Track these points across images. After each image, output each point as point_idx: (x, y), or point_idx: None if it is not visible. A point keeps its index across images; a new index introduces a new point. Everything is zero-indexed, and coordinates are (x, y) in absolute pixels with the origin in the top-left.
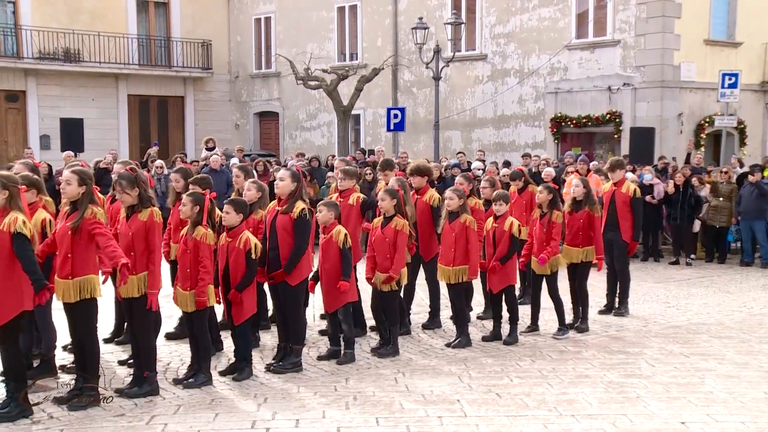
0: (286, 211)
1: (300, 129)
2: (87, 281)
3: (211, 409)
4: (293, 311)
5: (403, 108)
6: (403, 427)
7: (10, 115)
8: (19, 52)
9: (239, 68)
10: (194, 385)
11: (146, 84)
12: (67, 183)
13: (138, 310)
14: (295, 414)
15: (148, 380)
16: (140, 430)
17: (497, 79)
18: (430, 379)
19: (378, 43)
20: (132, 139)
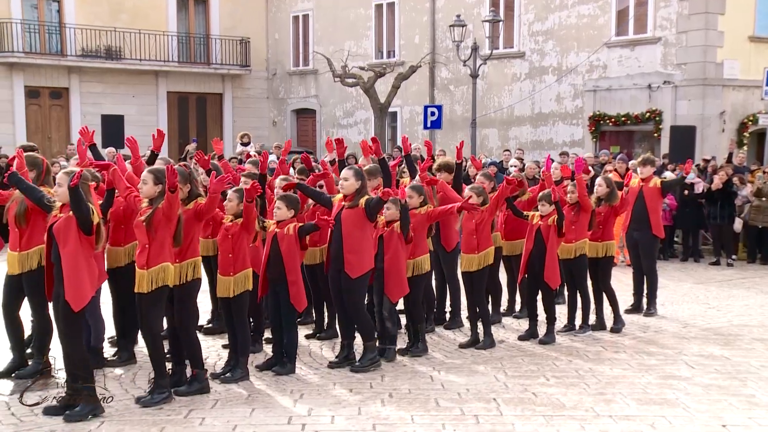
0: (353, 206)
1: (337, 126)
2: (161, 269)
3: (247, 404)
4: (353, 306)
5: (440, 105)
6: (438, 424)
7: (54, 111)
8: (63, 50)
9: (277, 65)
10: (231, 380)
11: (185, 81)
12: (144, 182)
13: (179, 299)
14: (330, 410)
15: (197, 378)
16: (178, 424)
17: (535, 77)
18: (466, 378)
19: (415, 41)
20: (171, 136)
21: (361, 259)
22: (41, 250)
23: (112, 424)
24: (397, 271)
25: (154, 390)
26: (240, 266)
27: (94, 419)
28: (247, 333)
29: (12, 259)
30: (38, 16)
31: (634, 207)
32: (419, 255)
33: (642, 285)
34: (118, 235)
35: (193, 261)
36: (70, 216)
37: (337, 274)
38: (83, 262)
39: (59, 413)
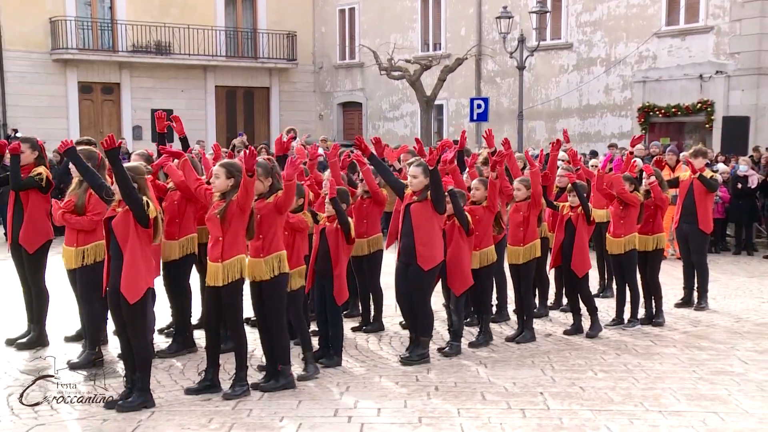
0: (421, 199)
1: (383, 119)
2: (237, 262)
3: (294, 396)
4: (420, 298)
5: (487, 98)
6: (485, 418)
7: (106, 106)
8: (114, 46)
9: (323, 59)
10: (305, 378)
11: (233, 75)
12: (216, 176)
13: (269, 293)
14: (376, 403)
15: (282, 373)
16: (226, 415)
17: (583, 68)
18: (513, 372)
19: (462, 33)
20: (219, 130)
21: (432, 251)
22: (96, 246)
23: (161, 414)
24: (460, 264)
25: (236, 383)
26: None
27: (145, 410)
28: (305, 324)
29: (68, 254)
30: (91, 13)
31: (685, 199)
32: (485, 246)
33: (692, 278)
34: (173, 228)
35: (278, 255)
36: (127, 210)
37: (405, 268)
38: (140, 256)
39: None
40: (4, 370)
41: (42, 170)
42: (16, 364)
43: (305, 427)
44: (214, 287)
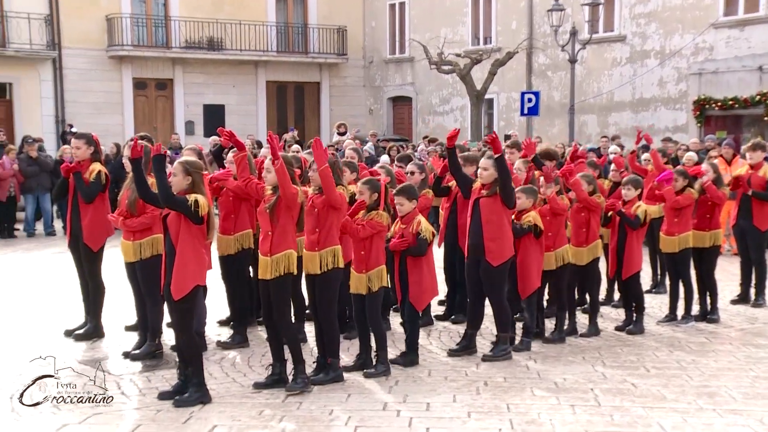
0: (491, 194)
1: (433, 114)
2: (285, 257)
3: (344, 390)
4: (495, 294)
5: (538, 92)
6: (534, 414)
7: (159, 102)
8: (167, 42)
9: (373, 53)
10: (374, 375)
11: (284, 70)
12: (268, 171)
13: (321, 287)
14: (425, 397)
15: (332, 366)
16: (276, 408)
17: (636, 61)
18: (563, 367)
19: (512, 27)
20: (270, 125)
21: (502, 246)
22: (153, 240)
23: (213, 406)
24: (527, 268)
25: (296, 376)
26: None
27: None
28: (382, 325)
29: (126, 247)
30: (145, 10)
31: (742, 195)
32: (560, 246)
33: (750, 275)
34: (228, 224)
35: (332, 249)
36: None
37: (476, 263)
38: (190, 254)
39: (171, 398)
40: (62, 360)
41: (98, 167)
42: (74, 355)
43: (354, 420)
44: (265, 281)
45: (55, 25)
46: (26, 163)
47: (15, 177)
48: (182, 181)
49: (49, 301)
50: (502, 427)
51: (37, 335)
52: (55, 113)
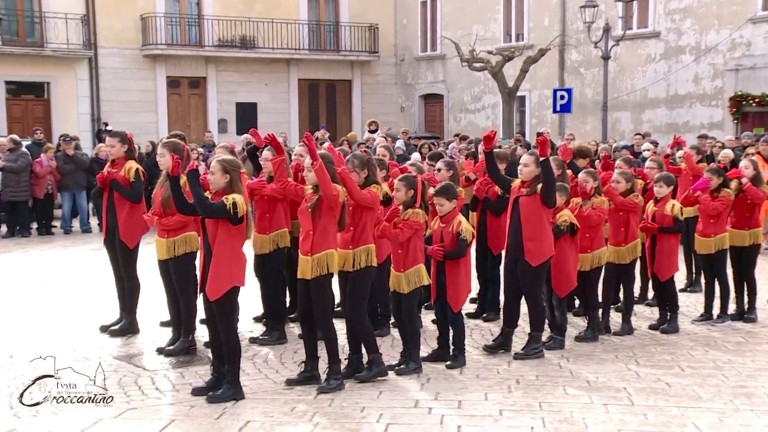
0: (531, 192)
1: (464, 111)
2: (325, 256)
3: (375, 387)
4: (532, 294)
5: (570, 89)
6: (567, 412)
7: (193, 100)
8: (201, 41)
9: (405, 51)
10: (406, 372)
11: (315, 68)
12: (308, 169)
13: (354, 285)
14: (457, 395)
15: (375, 362)
16: (309, 404)
17: (671, 57)
18: (595, 366)
19: (545, 23)
20: (302, 123)
21: (541, 246)
22: (187, 238)
23: (246, 402)
24: (564, 267)
25: (330, 375)
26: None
27: None
28: (417, 324)
29: (160, 245)
30: (179, 9)
31: None
32: (597, 248)
33: None
34: (264, 223)
35: (366, 248)
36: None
37: (514, 262)
38: (227, 254)
39: (204, 394)
40: (98, 355)
41: (134, 165)
42: (109, 350)
43: (386, 417)
44: (305, 280)
45: (92, 25)
46: (63, 161)
47: (52, 175)
48: (220, 179)
49: (84, 297)
50: (534, 425)
51: (73, 331)
52: (91, 112)
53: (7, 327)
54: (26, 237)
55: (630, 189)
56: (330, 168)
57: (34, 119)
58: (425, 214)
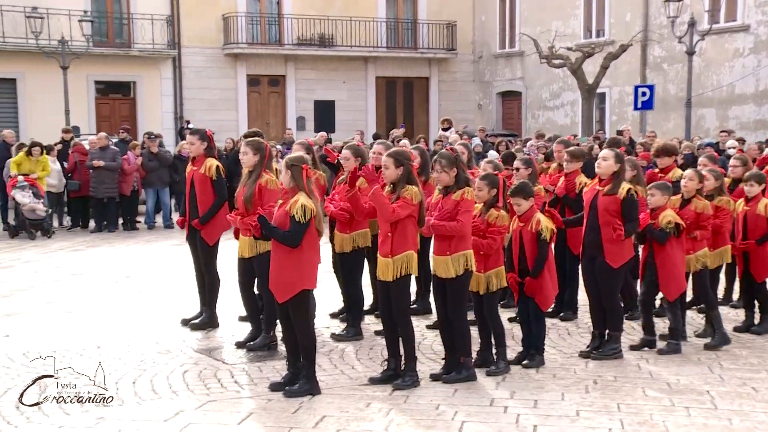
0: (610, 192)
1: (543, 108)
2: (405, 258)
3: (450, 385)
4: (611, 295)
5: (652, 85)
6: (646, 414)
7: (272, 98)
8: (280, 40)
9: (483, 48)
10: (495, 373)
11: (393, 66)
12: (385, 167)
13: (453, 289)
14: (533, 394)
15: (465, 365)
16: (384, 401)
17: (761, 52)
18: (677, 368)
19: (627, 18)
20: (379, 120)
21: (621, 248)
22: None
23: (322, 397)
24: (672, 269)
25: (406, 373)
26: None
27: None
28: (501, 323)
29: (243, 243)
30: (260, 9)
31: None
32: (699, 249)
33: None
34: (344, 222)
35: (464, 254)
36: (287, 212)
37: (591, 262)
38: (293, 255)
39: (281, 389)
40: (179, 348)
41: (215, 163)
42: (190, 343)
43: (461, 415)
44: (385, 282)
45: (176, 25)
46: (147, 158)
47: (138, 172)
48: (287, 176)
49: (167, 291)
50: (612, 426)
51: (155, 323)
52: (174, 110)
53: (95, 319)
54: (112, 232)
55: (719, 187)
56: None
57: (120, 117)
58: (508, 216)
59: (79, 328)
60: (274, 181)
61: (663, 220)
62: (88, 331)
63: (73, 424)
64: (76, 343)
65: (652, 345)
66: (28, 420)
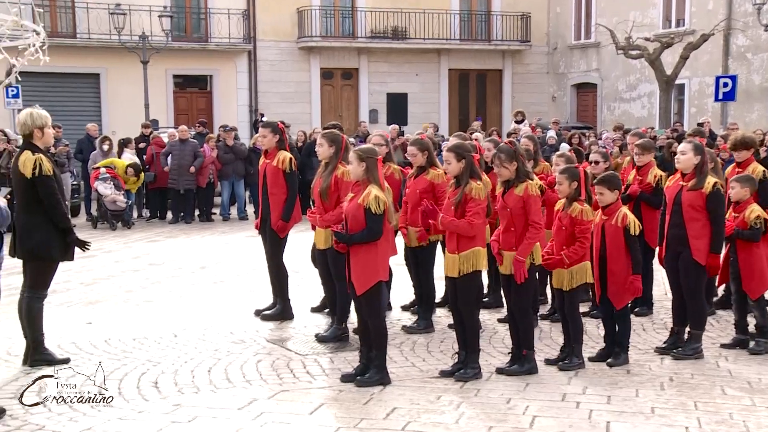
0: (695, 187)
1: (619, 100)
2: (473, 254)
3: (521, 379)
4: (697, 291)
5: (734, 75)
6: (725, 414)
7: (345, 91)
8: (354, 32)
9: (558, 40)
10: (568, 367)
11: (466, 58)
12: (447, 162)
13: (517, 286)
14: (606, 390)
15: (527, 358)
16: (454, 393)
17: None
18: (758, 366)
19: (708, 7)
20: (451, 113)
21: (707, 244)
22: None
23: (392, 389)
24: (757, 265)
25: (467, 365)
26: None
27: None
28: (580, 319)
29: (319, 235)
30: (333, 2)
31: None
32: None
33: None
34: (414, 215)
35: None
36: (360, 205)
37: (675, 258)
38: (373, 248)
39: (353, 380)
40: (253, 338)
41: (287, 155)
42: (263, 334)
43: (533, 409)
44: (452, 278)
45: (251, 20)
46: (223, 150)
47: (213, 164)
48: (358, 168)
49: (241, 282)
50: (689, 425)
51: (229, 314)
52: (249, 103)
53: (172, 308)
54: (189, 223)
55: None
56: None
57: (197, 111)
58: (592, 210)
59: (156, 317)
60: (350, 173)
61: (751, 216)
62: (165, 319)
63: (150, 410)
64: (153, 332)
65: (744, 345)
66: (110, 405)
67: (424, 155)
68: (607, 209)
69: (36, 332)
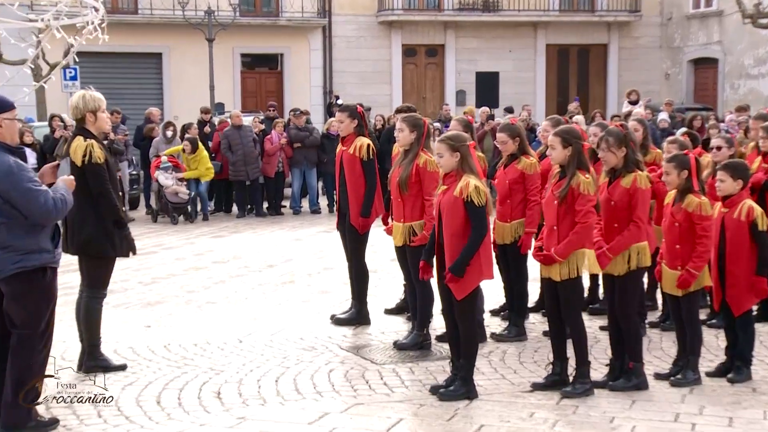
0: None
1: (745, 77)
2: (575, 257)
3: (627, 395)
4: None
5: None
6: None
7: (429, 70)
8: (439, 5)
9: (673, 9)
10: (682, 383)
11: (566, 32)
12: (552, 147)
13: (622, 287)
14: (727, 411)
15: (635, 372)
16: (549, 409)
17: None
18: None
19: None
20: (549, 93)
21: None
22: (423, 224)
23: (479, 403)
24: None
25: (576, 379)
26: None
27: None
28: (700, 329)
29: (396, 230)
30: None
31: None
32: None
33: None
34: (504, 209)
35: (638, 246)
36: (457, 197)
37: None
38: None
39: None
40: (325, 345)
41: (366, 141)
42: (337, 340)
43: (640, 430)
44: (552, 281)
45: None
46: (294, 134)
47: (283, 151)
48: (451, 159)
49: (313, 283)
50: None
51: (300, 318)
52: (323, 84)
53: (236, 311)
54: (260, 216)
55: None
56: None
57: (266, 92)
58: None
59: (220, 321)
60: (433, 163)
61: None
62: (229, 323)
63: (212, 423)
64: (216, 337)
65: None
66: (169, 417)
67: (515, 142)
68: (728, 200)
69: (93, 336)
